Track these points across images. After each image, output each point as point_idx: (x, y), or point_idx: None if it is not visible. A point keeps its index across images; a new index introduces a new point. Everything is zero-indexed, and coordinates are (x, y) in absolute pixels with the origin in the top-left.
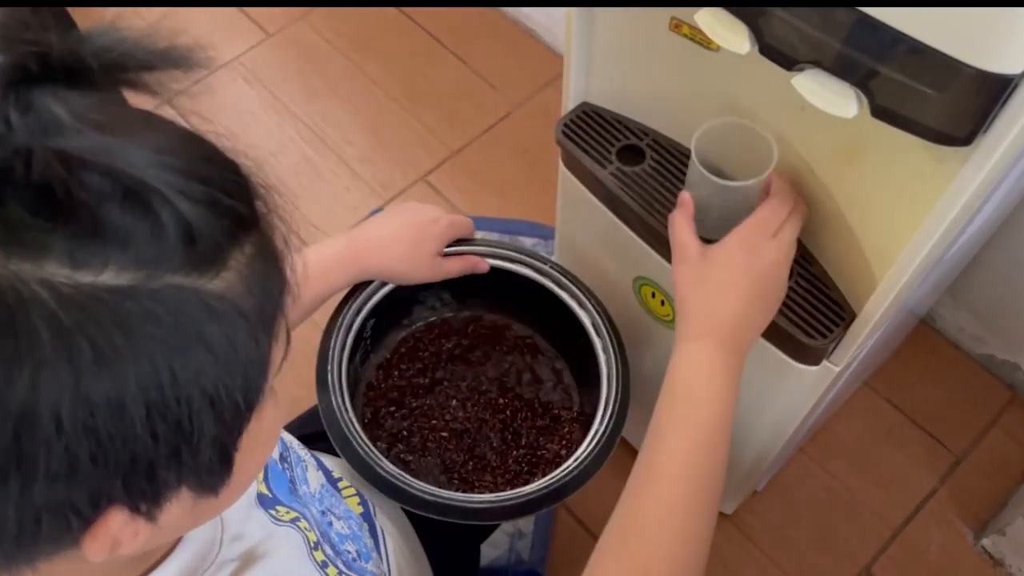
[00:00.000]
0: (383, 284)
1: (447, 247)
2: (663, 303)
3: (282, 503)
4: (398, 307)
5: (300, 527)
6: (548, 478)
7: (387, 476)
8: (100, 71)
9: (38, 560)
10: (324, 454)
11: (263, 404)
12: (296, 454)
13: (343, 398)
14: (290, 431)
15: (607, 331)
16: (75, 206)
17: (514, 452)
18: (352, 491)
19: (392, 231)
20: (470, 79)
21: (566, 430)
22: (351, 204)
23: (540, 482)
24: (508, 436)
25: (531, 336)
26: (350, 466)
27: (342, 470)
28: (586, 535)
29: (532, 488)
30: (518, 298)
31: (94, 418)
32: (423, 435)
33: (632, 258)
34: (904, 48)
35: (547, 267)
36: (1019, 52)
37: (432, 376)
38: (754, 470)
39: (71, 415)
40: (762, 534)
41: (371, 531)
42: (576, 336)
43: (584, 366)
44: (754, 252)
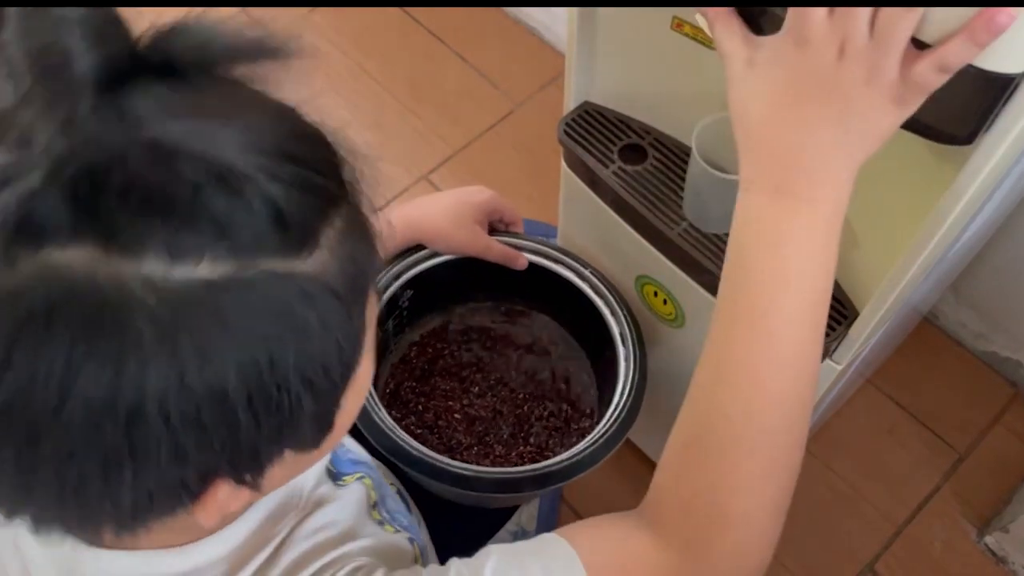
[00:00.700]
0: (426, 257)
1: (494, 233)
2: (665, 302)
3: (346, 473)
4: (440, 289)
5: (365, 484)
6: (544, 463)
7: (383, 426)
8: (192, 66)
9: (151, 523)
10: None
11: (360, 364)
12: None
13: None
14: None
15: (632, 340)
16: (169, 198)
17: (521, 448)
18: (389, 479)
19: (436, 198)
20: (472, 78)
21: (574, 440)
22: None
23: (534, 465)
24: (519, 432)
25: (565, 338)
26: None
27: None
28: None
29: (524, 468)
30: (556, 298)
31: (198, 409)
32: (436, 413)
33: (634, 257)
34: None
35: (587, 272)
36: (1020, 52)
37: (459, 362)
38: None
39: (177, 407)
40: None
41: (407, 507)
42: (605, 344)
43: (608, 375)
44: (808, 44)
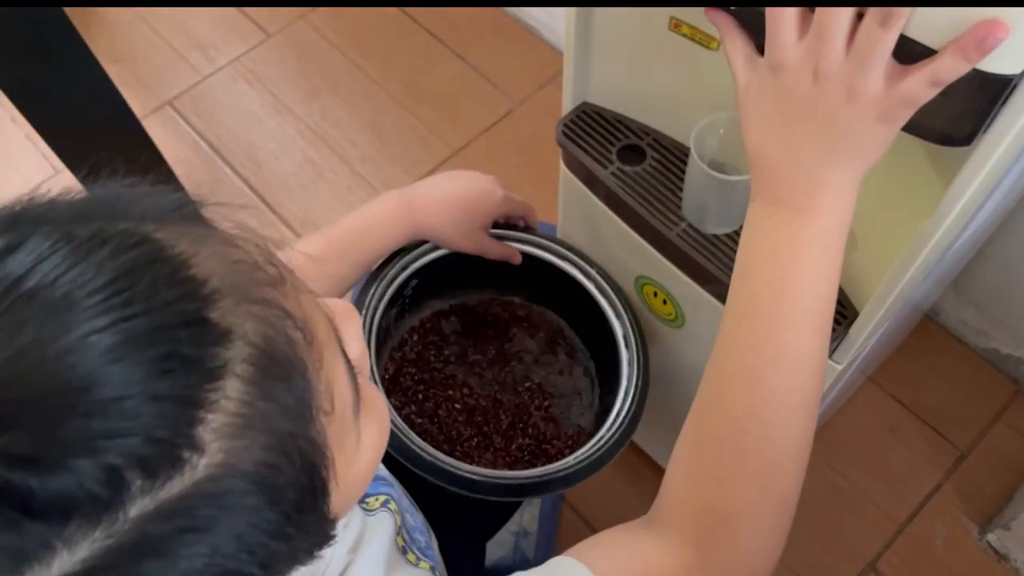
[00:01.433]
0: (433, 248)
1: (496, 227)
2: (665, 302)
3: (368, 494)
4: (443, 276)
5: (391, 509)
6: (548, 468)
7: (393, 428)
8: None
9: None
10: None
11: (335, 476)
12: None
13: (371, 347)
14: None
15: (636, 344)
16: None
17: (520, 439)
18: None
19: (448, 193)
20: (471, 77)
21: (574, 432)
22: (353, 204)
23: (539, 469)
24: (519, 422)
25: (567, 333)
26: None
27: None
28: (591, 533)
29: (530, 473)
30: (559, 294)
31: None
32: (436, 402)
33: (633, 257)
34: (904, 49)
35: (593, 271)
36: (1018, 53)
37: (460, 350)
38: None
39: None
40: None
41: (423, 518)
42: (607, 344)
43: (610, 374)
44: (783, 69)
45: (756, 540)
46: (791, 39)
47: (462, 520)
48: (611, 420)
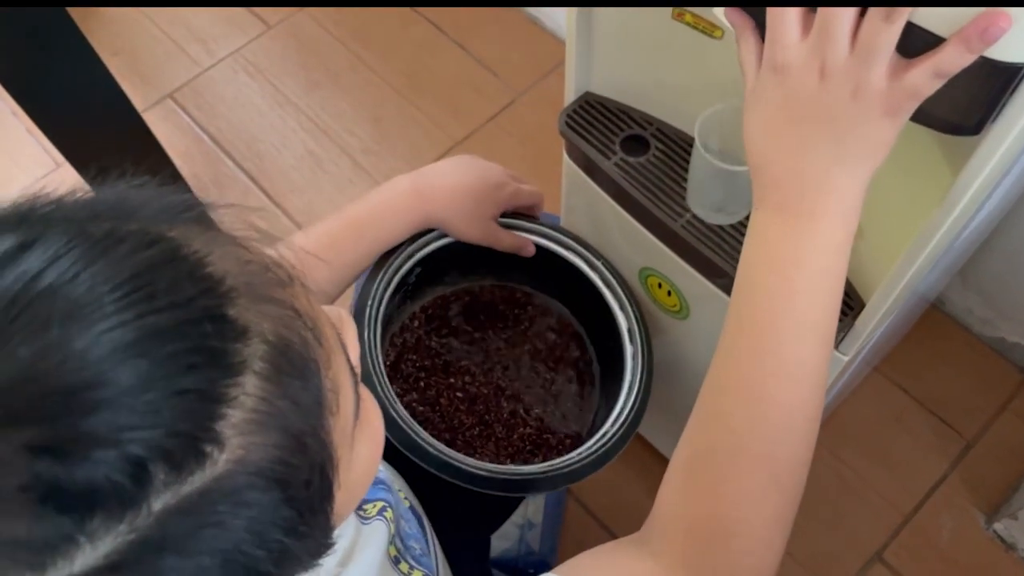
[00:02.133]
0: (438, 237)
1: (506, 217)
2: (670, 293)
3: (367, 500)
4: (447, 263)
5: (386, 517)
6: (552, 463)
7: (399, 421)
8: None
9: None
10: None
11: (339, 479)
12: None
13: (375, 335)
14: None
15: (640, 338)
16: (8, 505)
17: (521, 429)
18: (397, 485)
19: (460, 183)
20: (472, 68)
21: (575, 426)
22: (355, 195)
23: (543, 464)
24: (520, 412)
25: (570, 323)
26: None
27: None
28: (597, 526)
29: (534, 468)
30: (564, 284)
31: None
32: (438, 390)
33: (638, 249)
34: (913, 38)
35: (599, 263)
36: None
37: (462, 337)
38: None
39: None
40: None
41: (419, 524)
42: (610, 336)
43: (613, 367)
44: (788, 70)
45: (748, 560)
46: (794, 39)
47: (466, 513)
48: (615, 416)
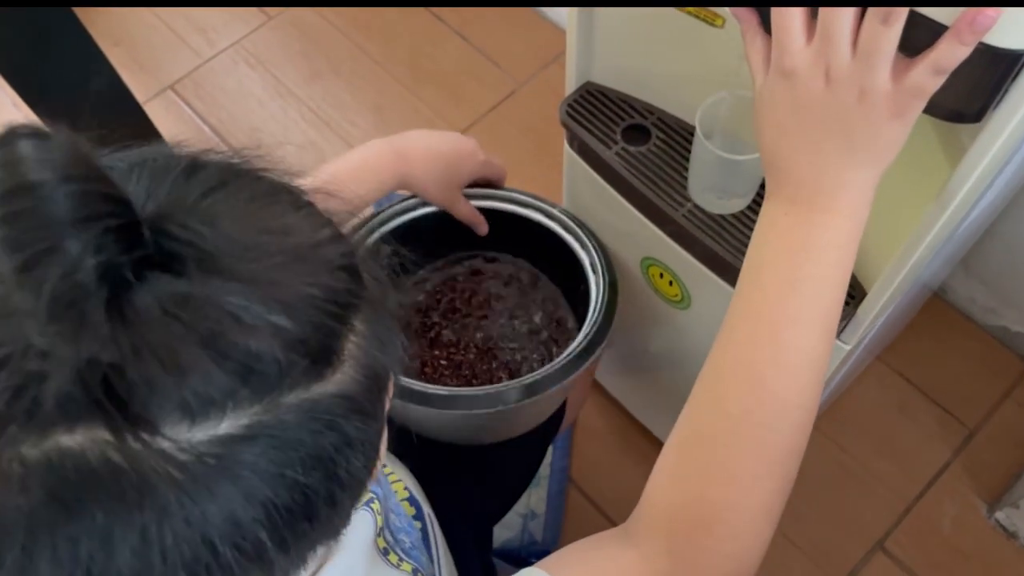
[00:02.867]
0: (405, 211)
1: (472, 186)
2: (671, 283)
3: None
4: (414, 240)
5: (373, 508)
6: (521, 379)
7: None
8: (198, 267)
9: None
10: None
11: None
12: None
13: None
14: None
15: (602, 267)
16: (182, 362)
17: (507, 381)
18: (396, 476)
19: (437, 147)
20: (474, 57)
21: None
22: None
23: (509, 381)
24: (504, 367)
25: (540, 278)
26: None
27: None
28: (598, 515)
29: (499, 386)
30: (529, 242)
31: (232, 559)
32: (423, 360)
33: (639, 238)
34: (914, 25)
35: (556, 211)
36: None
37: (440, 310)
38: None
39: (207, 566)
40: None
41: (418, 515)
42: (579, 278)
43: (584, 308)
44: (794, 75)
45: (732, 546)
46: (800, 44)
47: (469, 502)
48: (581, 335)
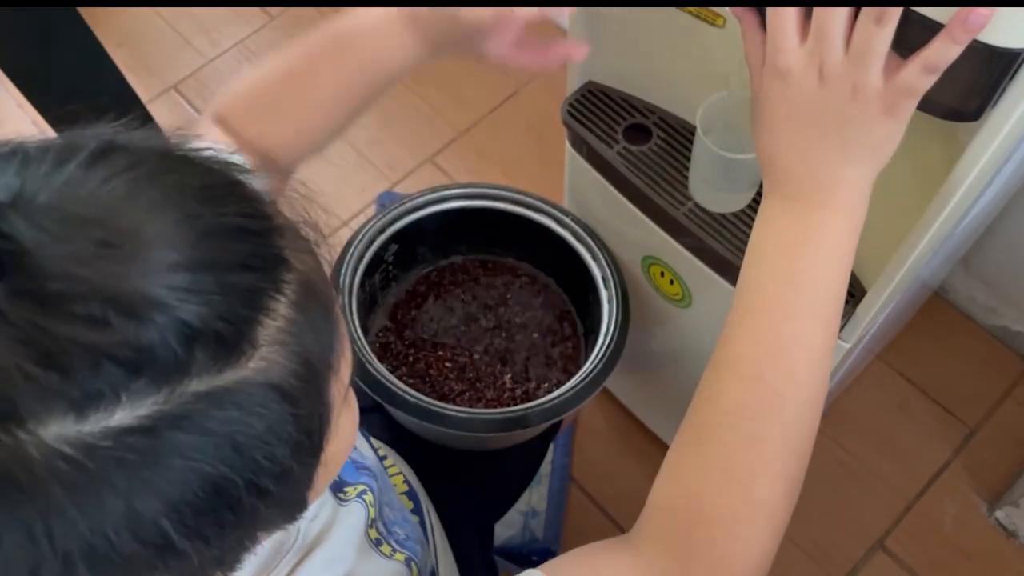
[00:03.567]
0: (410, 211)
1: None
2: (672, 282)
3: (348, 483)
4: (424, 243)
5: (365, 500)
6: (535, 402)
7: (375, 374)
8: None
9: None
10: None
11: (329, 438)
12: None
13: (351, 301)
14: None
15: (614, 282)
16: (62, 350)
17: (510, 389)
18: (396, 469)
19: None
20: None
21: (563, 377)
22: (359, 187)
23: (526, 404)
24: (508, 373)
25: (548, 283)
26: None
27: (386, 449)
28: (599, 513)
29: (517, 408)
30: (537, 247)
31: (137, 553)
32: (427, 362)
33: (640, 238)
34: (912, 25)
35: (568, 219)
36: None
37: (446, 311)
38: None
39: (106, 561)
40: None
41: (416, 508)
42: (587, 289)
43: (593, 316)
44: (789, 74)
45: (733, 547)
46: (794, 43)
47: (470, 500)
48: (594, 355)
